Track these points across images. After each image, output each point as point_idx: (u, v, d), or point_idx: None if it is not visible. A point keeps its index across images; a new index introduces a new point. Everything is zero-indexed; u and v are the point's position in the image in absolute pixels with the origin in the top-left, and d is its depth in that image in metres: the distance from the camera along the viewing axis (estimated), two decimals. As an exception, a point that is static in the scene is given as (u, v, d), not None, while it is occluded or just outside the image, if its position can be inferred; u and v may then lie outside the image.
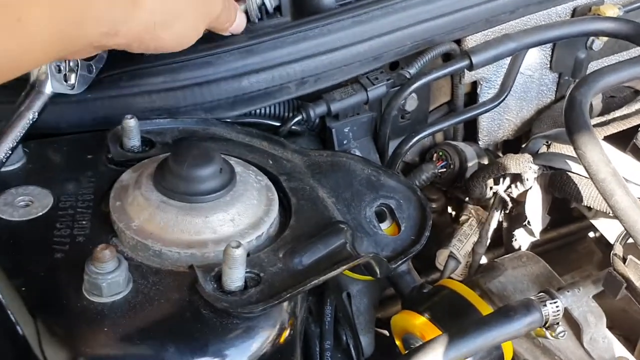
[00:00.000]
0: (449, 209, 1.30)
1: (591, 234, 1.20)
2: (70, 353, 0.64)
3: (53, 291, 0.68)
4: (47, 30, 0.62)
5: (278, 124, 0.99)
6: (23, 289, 0.69)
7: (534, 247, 1.29)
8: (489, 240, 1.15)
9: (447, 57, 1.09)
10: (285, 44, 0.94)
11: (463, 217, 1.19)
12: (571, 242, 1.34)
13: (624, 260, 0.76)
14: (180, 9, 0.76)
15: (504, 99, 1.06)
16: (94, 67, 0.91)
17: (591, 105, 1.18)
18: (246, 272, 0.69)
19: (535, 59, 1.18)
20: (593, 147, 0.79)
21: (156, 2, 0.72)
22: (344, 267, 0.73)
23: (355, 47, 0.97)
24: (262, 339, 0.68)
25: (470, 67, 1.00)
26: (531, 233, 1.06)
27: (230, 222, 0.74)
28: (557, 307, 0.75)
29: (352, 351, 0.98)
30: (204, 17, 0.82)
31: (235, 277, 0.67)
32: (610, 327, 0.93)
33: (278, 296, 0.68)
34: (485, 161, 1.17)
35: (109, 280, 0.66)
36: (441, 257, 1.17)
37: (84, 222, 0.76)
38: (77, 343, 0.65)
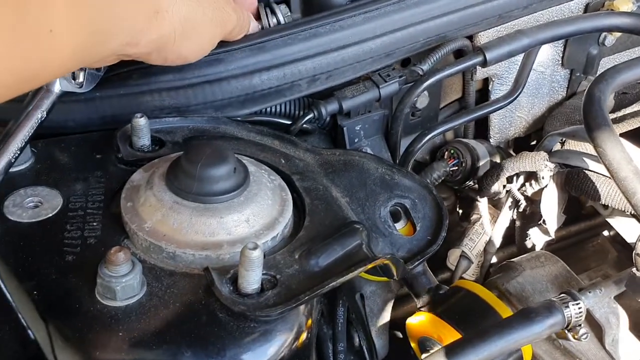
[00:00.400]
0: (458, 208, 1.28)
1: (605, 233, 1.18)
2: (83, 359, 0.63)
3: (65, 295, 0.67)
4: (73, 41, 0.61)
5: (289, 122, 0.97)
6: (34, 292, 0.67)
7: (547, 244, 1.28)
8: (500, 240, 1.13)
9: (460, 54, 1.07)
10: (296, 40, 0.92)
11: (474, 216, 1.18)
12: (582, 240, 1.32)
13: (647, 260, 0.75)
14: (198, 21, 0.77)
15: (517, 95, 1.05)
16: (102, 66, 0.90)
17: (604, 101, 1.16)
18: (262, 274, 0.67)
19: (547, 55, 1.16)
20: (614, 144, 0.78)
21: (176, 15, 0.73)
22: (362, 268, 0.72)
23: (366, 43, 0.96)
24: (279, 343, 0.67)
25: (484, 64, 0.98)
26: (546, 232, 1.04)
27: (245, 222, 0.72)
28: (579, 308, 0.73)
29: (366, 353, 0.97)
30: (220, 29, 0.83)
31: (252, 279, 0.66)
32: (630, 328, 0.92)
33: (296, 299, 0.66)
34: (497, 159, 1.16)
35: (123, 283, 0.64)
36: (452, 256, 1.15)
37: (94, 224, 0.75)
38: (90, 348, 0.63)
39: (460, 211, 1.29)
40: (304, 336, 0.69)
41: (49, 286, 0.68)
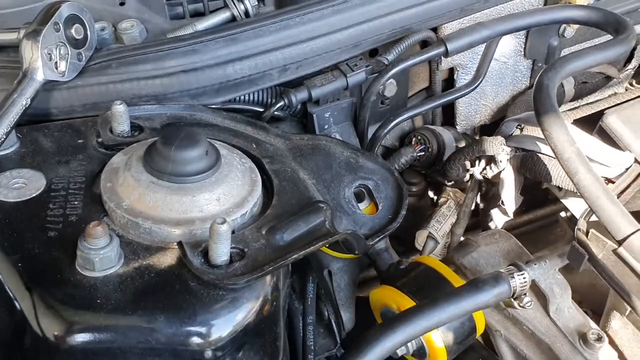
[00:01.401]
0: (430, 193, 1.34)
1: (562, 214, 1.24)
2: (64, 324, 0.68)
3: (48, 267, 0.72)
4: None
5: (261, 109, 1.02)
6: (19, 265, 0.72)
7: (512, 228, 1.34)
8: (467, 221, 1.19)
9: (425, 45, 1.13)
10: (268, 32, 0.97)
11: (442, 199, 1.24)
12: (547, 225, 1.38)
13: (587, 234, 0.81)
14: None
15: (479, 84, 1.11)
16: (83, 55, 0.95)
17: (564, 90, 1.23)
18: (231, 248, 0.73)
19: (509, 46, 1.22)
20: (559, 128, 0.84)
21: None
22: (323, 242, 0.77)
23: (335, 35, 1.01)
24: (246, 310, 0.72)
25: (446, 54, 1.04)
26: (505, 213, 1.10)
27: (216, 201, 0.78)
28: (524, 278, 0.80)
29: (334, 326, 1.03)
30: None
31: (221, 251, 0.72)
32: (579, 301, 0.98)
33: (261, 269, 0.72)
34: (463, 144, 1.21)
35: (101, 255, 0.70)
36: (420, 237, 1.21)
37: (76, 203, 0.80)
38: (71, 315, 0.68)
39: (435, 197, 1.35)
40: (269, 305, 0.75)
41: (32, 259, 0.73)
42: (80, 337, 0.68)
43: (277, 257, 0.74)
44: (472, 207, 1.19)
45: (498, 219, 1.15)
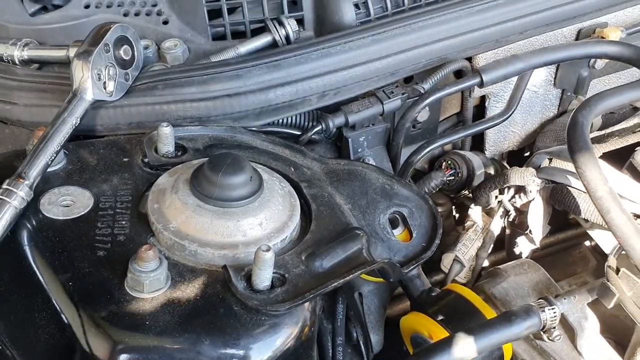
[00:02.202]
0: (454, 213, 1.37)
1: (587, 243, 1.27)
2: (113, 343, 0.70)
3: (97, 286, 0.75)
4: None
5: (299, 132, 1.05)
6: (69, 283, 0.75)
7: (533, 251, 1.36)
8: (491, 245, 1.22)
9: (459, 74, 1.15)
10: (309, 60, 1.00)
11: (468, 223, 1.26)
12: (567, 248, 1.40)
13: (617, 271, 0.83)
14: None
15: (511, 114, 1.13)
16: (130, 75, 0.98)
17: (592, 120, 1.25)
18: (272, 273, 0.76)
19: (540, 76, 1.24)
20: (592, 166, 0.86)
21: None
22: (361, 271, 0.80)
23: (373, 63, 1.04)
24: (286, 335, 0.75)
25: (481, 85, 1.06)
26: (532, 241, 1.12)
27: (258, 226, 0.81)
28: (554, 313, 0.82)
29: (362, 347, 1.05)
30: None
31: (264, 277, 0.74)
32: (602, 331, 1.00)
33: (302, 296, 0.74)
34: (491, 170, 1.24)
35: (151, 277, 0.73)
36: (446, 260, 1.24)
37: (123, 222, 0.82)
38: (120, 335, 0.71)
39: (457, 216, 1.38)
40: (307, 330, 0.78)
41: (82, 278, 0.76)
42: (128, 357, 0.70)
43: (317, 284, 0.77)
44: (499, 232, 1.21)
45: (524, 246, 1.17)
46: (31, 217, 0.82)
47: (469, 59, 1.14)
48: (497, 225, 1.19)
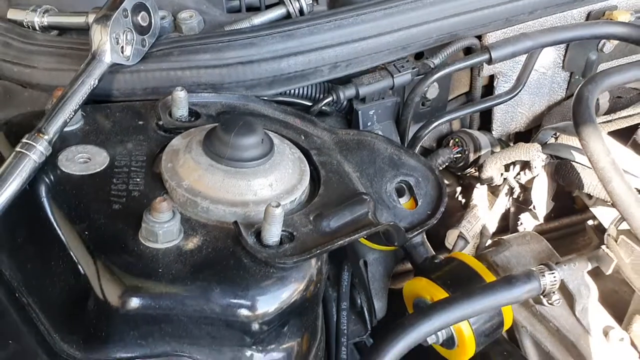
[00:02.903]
0: (460, 194, 1.39)
1: (590, 222, 1.28)
2: (126, 290, 0.73)
3: (112, 237, 0.78)
4: None
5: (310, 103, 1.08)
6: (85, 233, 0.78)
7: (539, 234, 1.38)
8: (496, 223, 1.24)
9: (468, 51, 1.17)
10: (322, 30, 1.02)
11: (473, 201, 1.28)
12: (573, 233, 1.42)
13: (616, 240, 0.85)
14: None
15: (518, 92, 1.15)
16: (147, 42, 1.01)
17: (599, 103, 1.27)
18: (282, 231, 0.78)
19: (549, 58, 1.26)
20: (596, 138, 0.88)
21: None
22: (367, 231, 0.82)
23: (384, 37, 1.06)
24: (292, 289, 0.77)
25: (490, 61, 1.08)
26: (535, 217, 1.14)
27: (269, 186, 0.83)
28: (554, 277, 0.84)
29: (366, 313, 1.08)
30: None
31: (273, 233, 0.77)
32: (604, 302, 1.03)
33: (309, 252, 0.77)
34: (498, 150, 1.26)
35: (164, 228, 0.75)
36: (451, 236, 1.26)
37: (138, 180, 0.85)
38: (133, 281, 0.74)
39: (462, 197, 1.40)
40: (313, 286, 0.80)
41: (98, 229, 0.79)
42: (141, 303, 0.73)
43: (324, 242, 0.79)
44: (503, 210, 1.24)
45: (528, 222, 1.19)
46: (49, 172, 0.84)
47: (479, 38, 1.16)
48: (502, 202, 1.21)
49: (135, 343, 0.75)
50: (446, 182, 1.33)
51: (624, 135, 1.11)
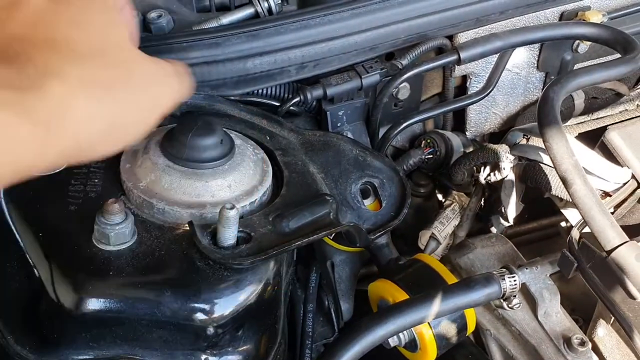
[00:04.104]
0: (439, 196, 1.38)
1: (563, 224, 1.28)
2: (78, 292, 0.73)
3: (66, 238, 0.77)
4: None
5: (277, 104, 1.07)
6: (40, 234, 0.78)
7: (515, 236, 1.37)
8: (470, 225, 1.23)
9: (440, 52, 1.17)
10: (288, 30, 1.01)
11: (447, 202, 1.28)
12: (551, 235, 1.41)
13: (578, 243, 0.84)
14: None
15: (489, 92, 1.14)
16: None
17: (574, 104, 1.26)
18: (238, 232, 0.77)
19: (523, 58, 1.25)
20: (559, 140, 0.87)
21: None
22: (326, 232, 0.82)
23: (352, 37, 1.05)
24: (248, 292, 0.77)
25: (459, 62, 1.08)
26: (505, 219, 1.14)
27: (227, 187, 0.83)
28: (514, 281, 0.83)
29: (333, 315, 1.07)
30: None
31: (228, 235, 0.76)
32: (572, 309, 1.02)
33: (265, 252, 0.76)
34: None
35: (116, 230, 0.75)
36: (423, 237, 1.25)
37: (96, 181, 0.85)
38: (85, 283, 0.73)
39: (442, 199, 1.39)
40: (270, 289, 0.80)
41: (52, 230, 0.78)
42: (92, 305, 0.73)
43: (282, 243, 0.79)
44: (476, 212, 1.23)
45: (497, 224, 1.18)
46: (6, 173, 0.83)
47: (450, 38, 1.16)
48: (474, 204, 1.21)
49: (87, 345, 0.75)
50: (421, 182, 1.33)
51: (594, 137, 1.11)
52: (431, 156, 1.22)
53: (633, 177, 0.99)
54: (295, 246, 0.79)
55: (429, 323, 0.85)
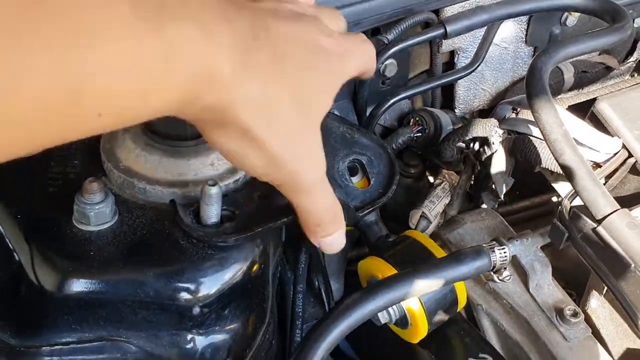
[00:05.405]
0: (429, 176, 1.37)
1: (555, 199, 1.27)
2: (59, 274, 0.71)
3: (46, 220, 0.76)
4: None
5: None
6: (19, 217, 0.76)
7: (508, 214, 1.36)
8: (460, 203, 1.22)
9: (426, 26, 1.15)
10: (270, 6, 1.00)
11: (437, 181, 1.26)
12: (546, 213, 1.40)
13: (569, 214, 0.83)
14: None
15: (476, 67, 1.13)
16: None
17: (563, 78, 1.24)
18: (223, 210, 0.76)
19: (511, 32, 1.24)
20: (548, 110, 0.86)
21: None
22: (312, 209, 0.80)
23: (335, 12, 1.03)
24: (234, 270, 0.75)
25: (445, 36, 1.06)
26: (496, 195, 1.12)
27: (209, 165, 0.81)
28: (504, 253, 0.82)
29: (324, 295, 1.05)
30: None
31: (212, 213, 0.74)
32: (566, 282, 1.01)
33: (249, 229, 0.75)
34: (460, 127, 1.23)
35: (96, 210, 0.73)
36: (414, 217, 1.23)
37: (76, 162, 0.83)
38: (66, 265, 0.72)
39: (431, 178, 1.38)
40: (256, 267, 0.78)
41: (32, 212, 0.77)
42: (74, 287, 0.71)
43: (267, 221, 0.77)
44: (467, 189, 1.21)
45: (488, 200, 1.17)
46: (-15, 155, 0.82)
47: (437, 13, 1.14)
48: (464, 181, 1.19)
49: (69, 328, 0.73)
50: (412, 162, 1.31)
51: (584, 109, 1.09)
52: (420, 134, 1.21)
53: (624, 146, 0.98)
54: (280, 224, 0.77)
55: (419, 298, 0.84)
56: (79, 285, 0.71)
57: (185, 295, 0.73)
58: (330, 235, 0.71)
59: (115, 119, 0.51)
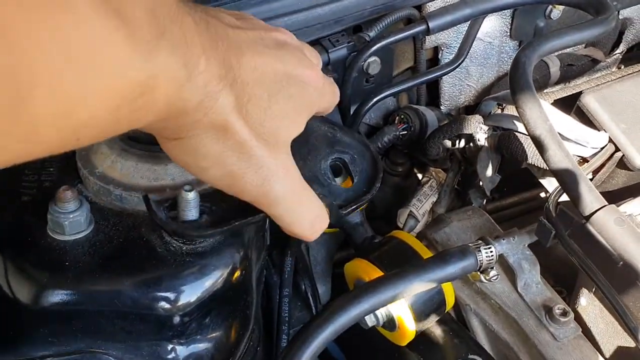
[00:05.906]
0: (417, 174, 1.35)
1: (542, 195, 1.25)
2: (33, 286, 0.69)
3: (20, 230, 0.74)
4: None
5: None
6: (-8, 228, 0.74)
7: (497, 211, 1.35)
8: (448, 201, 1.20)
9: (408, 22, 1.13)
10: (248, 5, 0.98)
11: (424, 179, 1.25)
12: (535, 209, 1.39)
13: (555, 211, 0.81)
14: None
15: (460, 62, 1.11)
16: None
17: (549, 72, 1.23)
18: (200, 206, 0.73)
19: (495, 26, 1.22)
20: (532, 105, 0.84)
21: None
22: (292, 206, 0.78)
23: (315, 10, 1.01)
24: (214, 277, 0.73)
25: (428, 32, 1.04)
26: (483, 192, 1.11)
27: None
28: (491, 252, 0.80)
29: (310, 299, 1.04)
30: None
31: (189, 216, 0.72)
32: (554, 281, 0.99)
33: (227, 223, 0.72)
34: (446, 125, 1.22)
35: (70, 219, 0.71)
36: (402, 216, 1.22)
37: (51, 169, 0.81)
38: (41, 277, 0.70)
39: (420, 176, 1.36)
40: (238, 273, 0.76)
41: (5, 222, 0.74)
42: (49, 299, 0.69)
43: (245, 215, 0.75)
44: (454, 187, 1.20)
45: (476, 198, 1.15)
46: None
47: (419, 8, 1.12)
48: (451, 179, 1.18)
49: (46, 341, 0.71)
50: (398, 161, 1.29)
51: (570, 103, 1.08)
52: (405, 132, 1.19)
53: (610, 140, 0.96)
54: (258, 219, 0.75)
55: (406, 300, 0.82)
56: (54, 297, 0.69)
57: (164, 305, 0.71)
58: (313, 235, 0.73)
59: (82, 139, 0.51)
